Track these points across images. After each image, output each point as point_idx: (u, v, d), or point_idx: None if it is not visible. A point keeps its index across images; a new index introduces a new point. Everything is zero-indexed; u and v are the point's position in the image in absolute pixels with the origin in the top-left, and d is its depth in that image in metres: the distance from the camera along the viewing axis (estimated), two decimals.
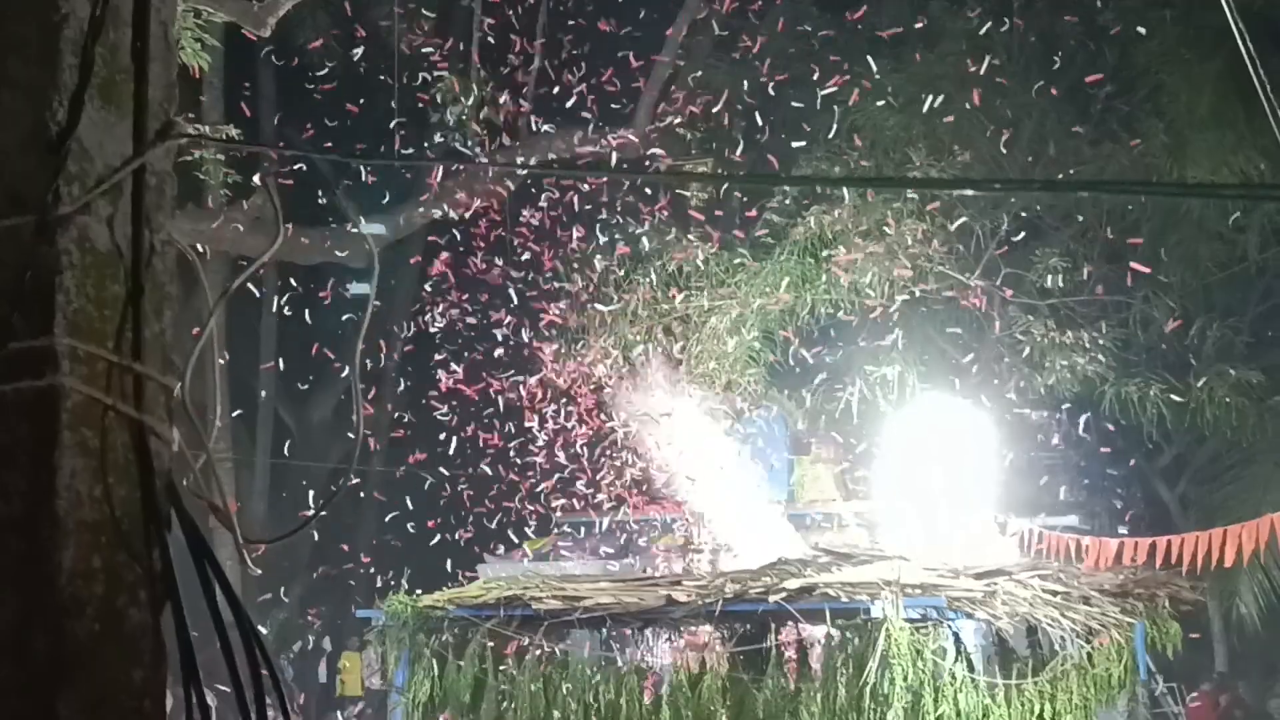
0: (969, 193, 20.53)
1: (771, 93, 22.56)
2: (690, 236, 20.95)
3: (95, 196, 3.10)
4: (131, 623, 3.12)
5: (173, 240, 3.28)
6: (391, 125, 19.94)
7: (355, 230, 20.53)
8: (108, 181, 3.11)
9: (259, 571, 4.61)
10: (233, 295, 3.82)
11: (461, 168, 20.83)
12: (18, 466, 3.02)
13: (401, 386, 26.86)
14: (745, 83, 22.52)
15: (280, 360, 28.57)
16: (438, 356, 21.99)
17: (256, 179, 18.54)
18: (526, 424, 21.12)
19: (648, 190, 21.49)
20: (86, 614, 3.04)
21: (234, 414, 26.52)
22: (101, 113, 3.14)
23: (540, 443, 21.00)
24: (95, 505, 3.07)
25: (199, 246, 18.85)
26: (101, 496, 3.07)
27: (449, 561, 21.12)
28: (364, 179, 21.05)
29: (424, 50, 21.46)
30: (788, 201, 21.22)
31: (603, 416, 20.69)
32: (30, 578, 3.01)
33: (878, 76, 21.58)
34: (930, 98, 20.90)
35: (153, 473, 3.15)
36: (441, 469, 22.50)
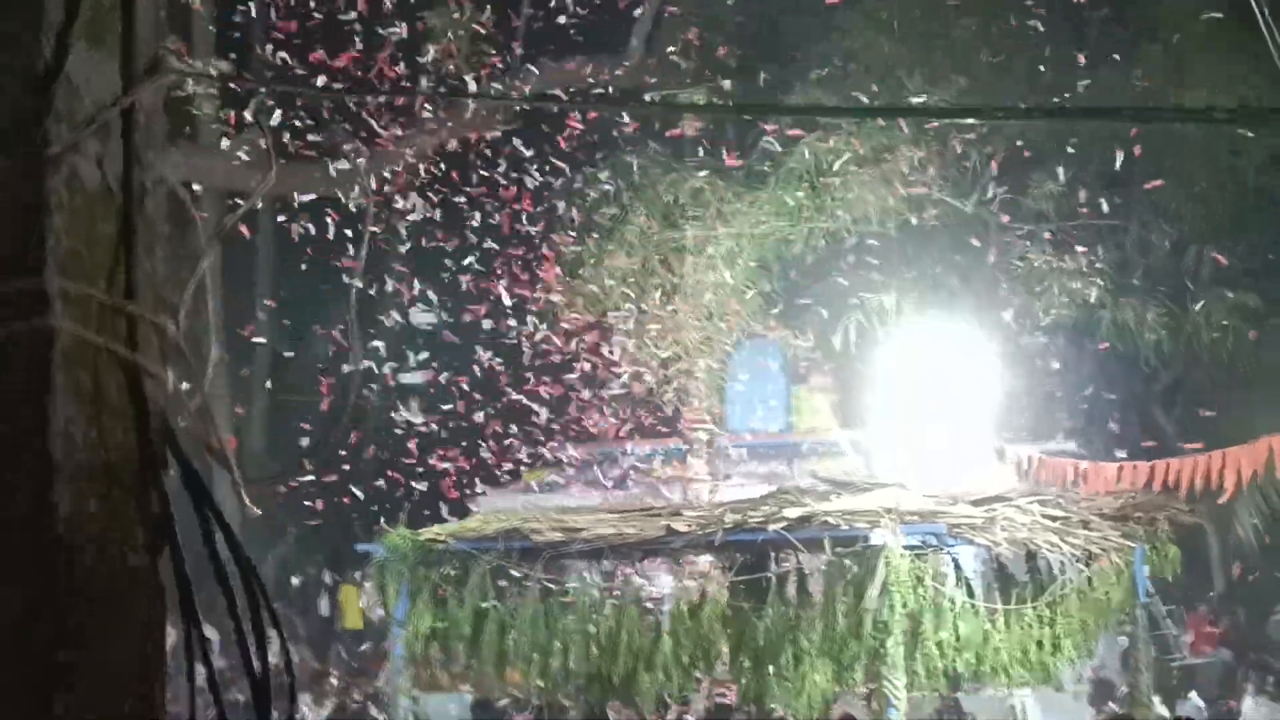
0: (969, 121, 20.41)
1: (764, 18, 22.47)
2: (687, 161, 20.92)
3: (85, 136, 3.05)
4: (129, 565, 3.10)
5: (164, 178, 3.24)
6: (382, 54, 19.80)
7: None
8: (97, 120, 3.07)
9: (259, 512, 4.58)
10: (228, 231, 3.78)
11: (447, 101, 20.66)
12: (10, 410, 3.00)
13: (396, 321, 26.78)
14: (739, 10, 22.38)
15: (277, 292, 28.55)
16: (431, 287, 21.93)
17: (249, 114, 18.35)
18: (525, 354, 21.09)
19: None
20: (84, 557, 3.02)
21: (229, 350, 26.48)
22: (89, 51, 3.10)
23: (541, 374, 20.99)
24: (90, 448, 3.04)
25: (194, 185, 18.79)
26: (96, 439, 3.05)
27: (446, 494, 21.15)
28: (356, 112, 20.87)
29: None
30: (785, 130, 21.10)
31: (601, 347, 20.68)
32: (26, 522, 2.99)
33: None
34: (924, 21, 20.82)
35: (147, 414, 3.12)
36: (438, 402, 22.48)
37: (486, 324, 21.53)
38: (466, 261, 21.03)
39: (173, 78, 3.23)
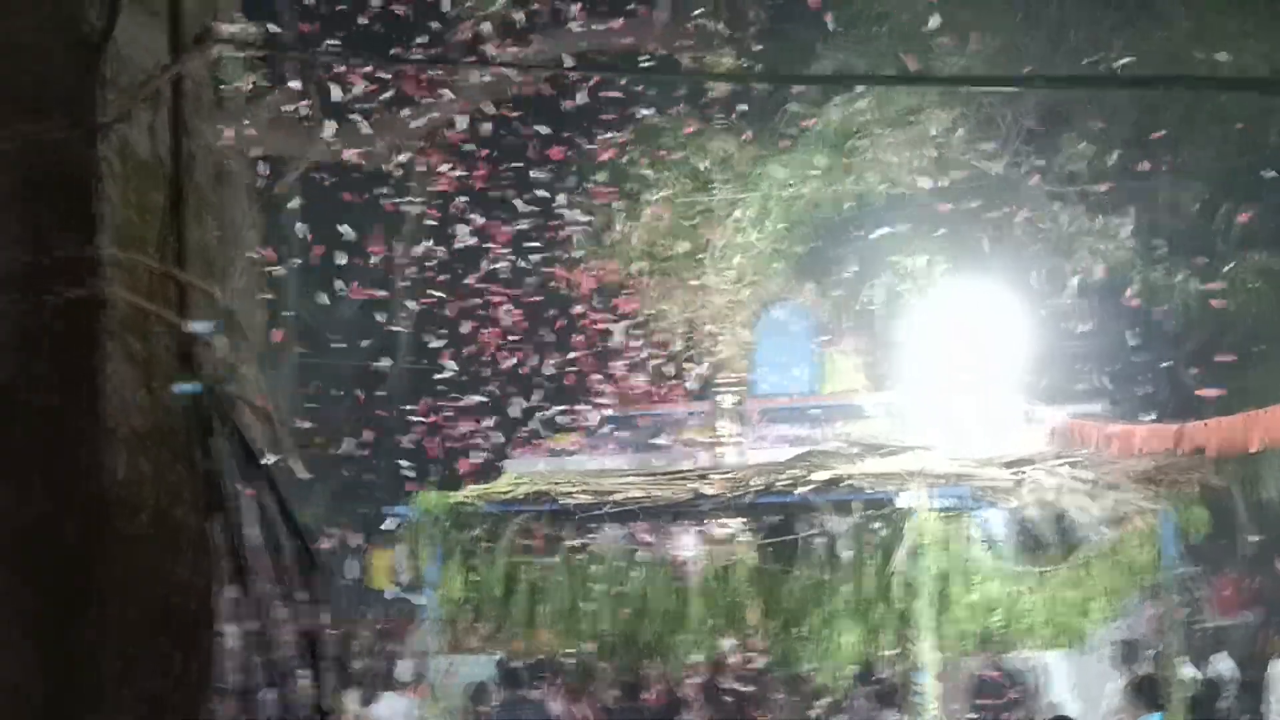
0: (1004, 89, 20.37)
1: None
2: (714, 124, 20.86)
3: (135, 105, 3.09)
4: (180, 525, 3.15)
5: (212, 147, 3.28)
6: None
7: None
8: (146, 89, 3.11)
9: (309, 475, 4.64)
10: (258, 195, 3.82)
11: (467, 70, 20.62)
12: (64, 375, 3.04)
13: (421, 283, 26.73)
14: None
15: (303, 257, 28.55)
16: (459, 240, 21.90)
17: (292, 83, 18.33)
18: (549, 317, 21.09)
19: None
20: (138, 518, 3.07)
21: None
22: (139, 20, 3.13)
23: (566, 338, 20.98)
24: (142, 412, 3.09)
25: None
26: (148, 403, 3.10)
27: (473, 457, 21.16)
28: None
29: None
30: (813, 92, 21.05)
31: (628, 311, 20.68)
32: (75, 481, 3.04)
33: None
34: None
35: (198, 379, 3.17)
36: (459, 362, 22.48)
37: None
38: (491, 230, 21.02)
39: (220, 47, 3.26)
